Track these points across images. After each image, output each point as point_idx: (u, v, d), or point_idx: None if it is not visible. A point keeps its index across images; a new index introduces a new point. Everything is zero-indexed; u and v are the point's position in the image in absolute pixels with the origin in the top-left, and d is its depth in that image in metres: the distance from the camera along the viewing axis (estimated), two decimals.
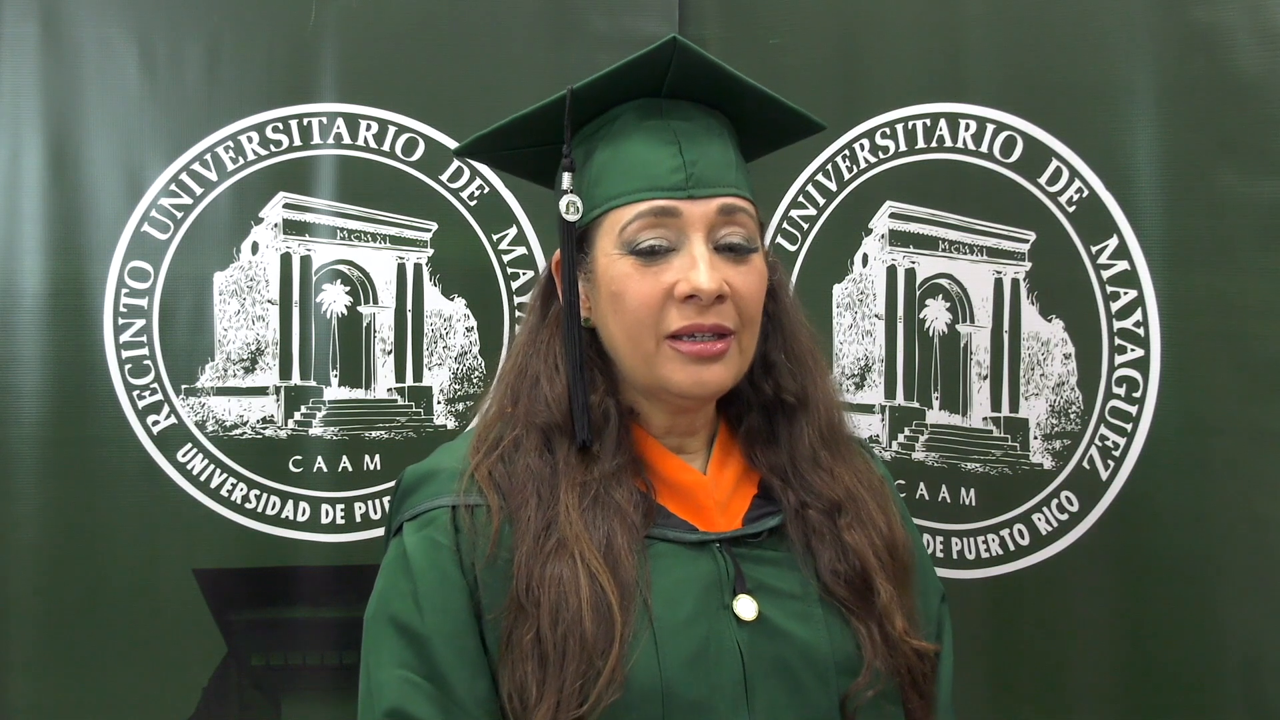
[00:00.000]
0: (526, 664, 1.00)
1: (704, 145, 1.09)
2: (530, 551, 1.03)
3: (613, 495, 1.06)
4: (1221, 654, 1.42)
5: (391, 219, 1.74)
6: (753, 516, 1.12)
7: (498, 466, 1.09)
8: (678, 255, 1.05)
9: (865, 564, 1.10)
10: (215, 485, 1.69)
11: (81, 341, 1.66)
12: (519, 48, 1.75)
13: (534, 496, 1.06)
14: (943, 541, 1.66)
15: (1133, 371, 1.48)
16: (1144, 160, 1.45)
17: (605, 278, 1.07)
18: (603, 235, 1.08)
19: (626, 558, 1.03)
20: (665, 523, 1.09)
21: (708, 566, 1.07)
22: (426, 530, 1.07)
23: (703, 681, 1.02)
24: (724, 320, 1.06)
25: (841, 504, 1.13)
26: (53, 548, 1.65)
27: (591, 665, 0.99)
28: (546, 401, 1.10)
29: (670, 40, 1.05)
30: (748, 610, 1.06)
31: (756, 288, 1.09)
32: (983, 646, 1.61)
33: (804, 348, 1.19)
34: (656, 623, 1.02)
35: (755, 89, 1.12)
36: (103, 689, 1.66)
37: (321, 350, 1.73)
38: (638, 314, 1.06)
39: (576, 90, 1.07)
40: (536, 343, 1.15)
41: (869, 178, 1.70)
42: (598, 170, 1.09)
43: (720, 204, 1.07)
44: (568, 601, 1.00)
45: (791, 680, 1.05)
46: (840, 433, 1.20)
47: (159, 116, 1.67)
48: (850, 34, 1.70)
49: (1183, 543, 1.44)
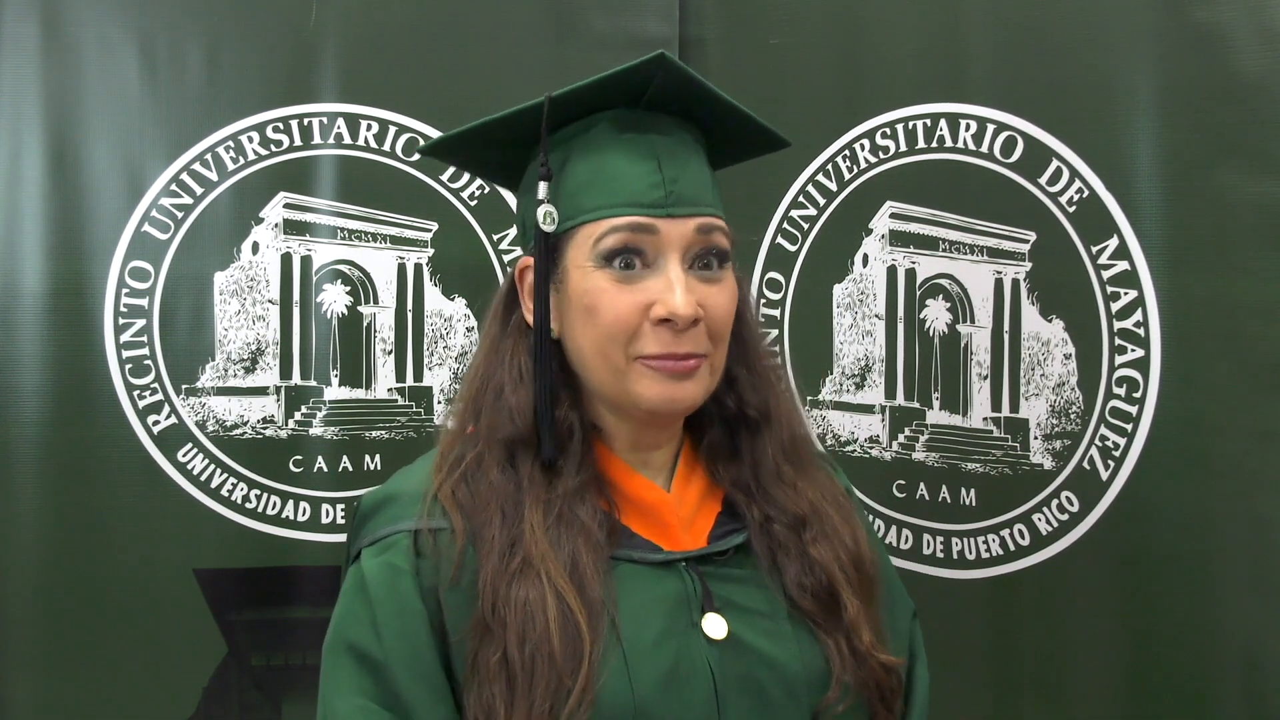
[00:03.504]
0: (494, 685, 0.99)
1: (683, 162, 1.07)
2: (495, 571, 1.01)
3: (577, 513, 1.05)
4: (1221, 654, 1.42)
5: (392, 219, 1.74)
6: (718, 534, 1.11)
7: (460, 486, 1.07)
8: (653, 274, 1.04)
9: (831, 577, 1.09)
10: (215, 485, 1.69)
11: (82, 341, 1.65)
12: (519, 48, 1.75)
13: (498, 514, 1.04)
14: (943, 541, 1.66)
15: (1133, 372, 1.48)
16: (1144, 160, 1.45)
17: (578, 290, 1.05)
18: (575, 247, 1.06)
19: (593, 577, 1.02)
20: (630, 543, 1.07)
21: (675, 586, 1.06)
22: (385, 555, 1.05)
23: (675, 701, 1.01)
24: (697, 347, 1.04)
25: (806, 518, 1.11)
26: (53, 548, 1.65)
27: (561, 685, 0.97)
28: (511, 415, 1.08)
29: (658, 56, 1.03)
30: (717, 629, 1.04)
31: (728, 307, 1.07)
32: (983, 646, 1.61)
33: (765, 363, 1.18)
34: (626, 643, 1.01)
35: (732, 106, 1.10)
36: (103, 689, 1.66)
37: (322, 350, 1.73)
38: (611, 330, 1.04)
39: (555, 98, 1.05)
40: (499, 352, 1.12)
41: (869, 178, 1.70)
42: (574, 181, 1.07)
43: (698, 223, 1.05)
44: (534, 621, 0.99)
45: (762, 698, 1.04)
46: (803, 447, 1.18)
47: (159, 116, 1.67)
48: (850, 34, 1.70)
49: (1183, 543, 1.44)
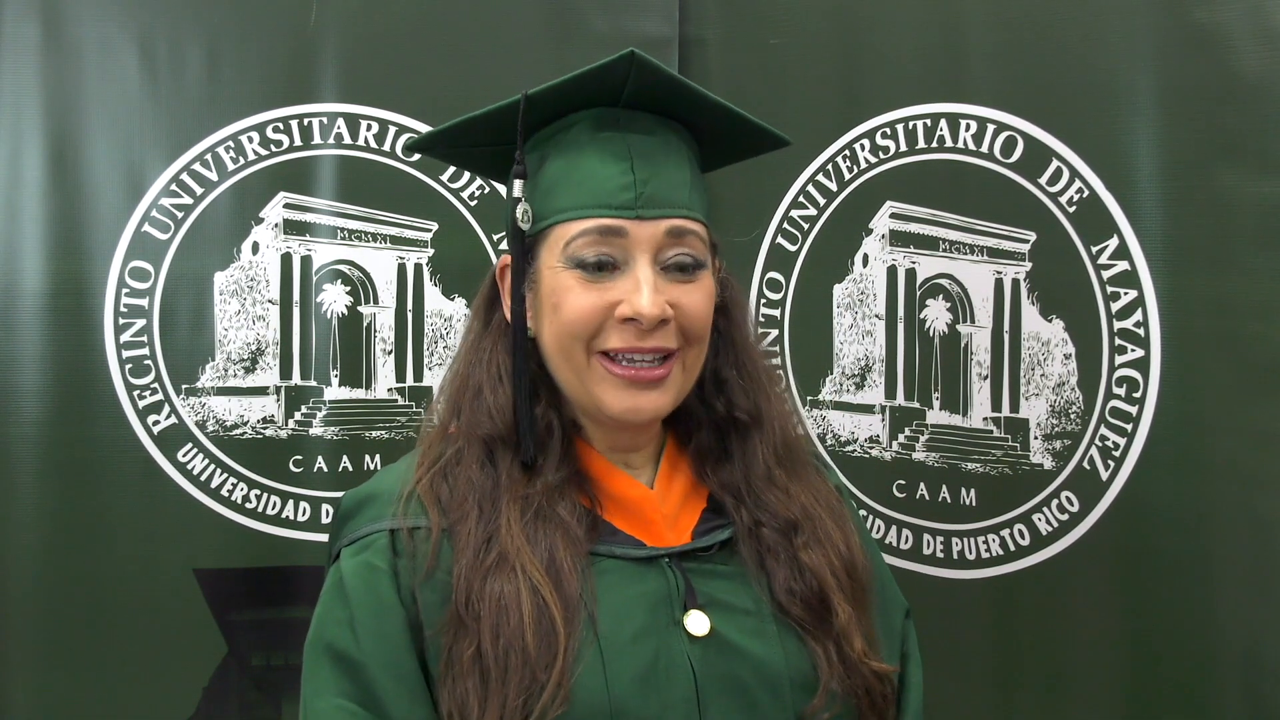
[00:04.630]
0: (467, 680, 0.98)
1: (658, 163, 1.06)
2: (470, 566, 1.01)
3: (555, 509, 1.05)
4: (1221, 654, 1.42)
5: (392, 219, 1.74)
6: (702, 530, 1.10)
7: (439, 481, 1.07)
8: (622, 275, 1.03)
9: (823, 584, 1.08)
10: (215, 485, 1.69)
11: (82, 341, 1.65)
12: (519, 48, 1.75)
13: (474, 509, 1.04)
14: (943, 541, 1.66)
15: (1133, 372, 1.48)
16: (1144, 160, 1.45)
17: (548, 289, 1.05)
18: (548, 247, 1.06)
19: (570, 572, 1.01)
20: (611, 539, 1.07)
21: (657, 582, 1.05)
22: (363, 555, 1.05)
23: (653, 699, 1.00)
24: (665, 342, 1.04)
25: (798, 523, 1.11)
26: (53, 548, 1.65)
27: (535, 680, 0.97)
28: (489, 412, 1.08)
29: (628, 54, 1.03)
30: (699, 625, 1.04)
31: (703, 306, 1.07)
32: (983, 646, 1.61)
33: (757, 365, 1.17)
34: (603, 639, 1.00)
35: (715, 103, 1.09)
36: (103, 689, 1.66)
37: (322, 350, 1.73)
38: (571, 327, 1.04)
39: (532, 96, 1.04)
40: (479, 351, 1.12)
41: (869, 178, 1.70)
42: (549, 180, 1.07)
43: (669, 225, 1.04)
44: (509, 615, 0.98)
45: (745, 697, 1.03)
46: (796, 451, 1.17)
47: (159, 116, 1.67)
48: (850, 34, 1.70)
49: (1183, 543, 1.44)
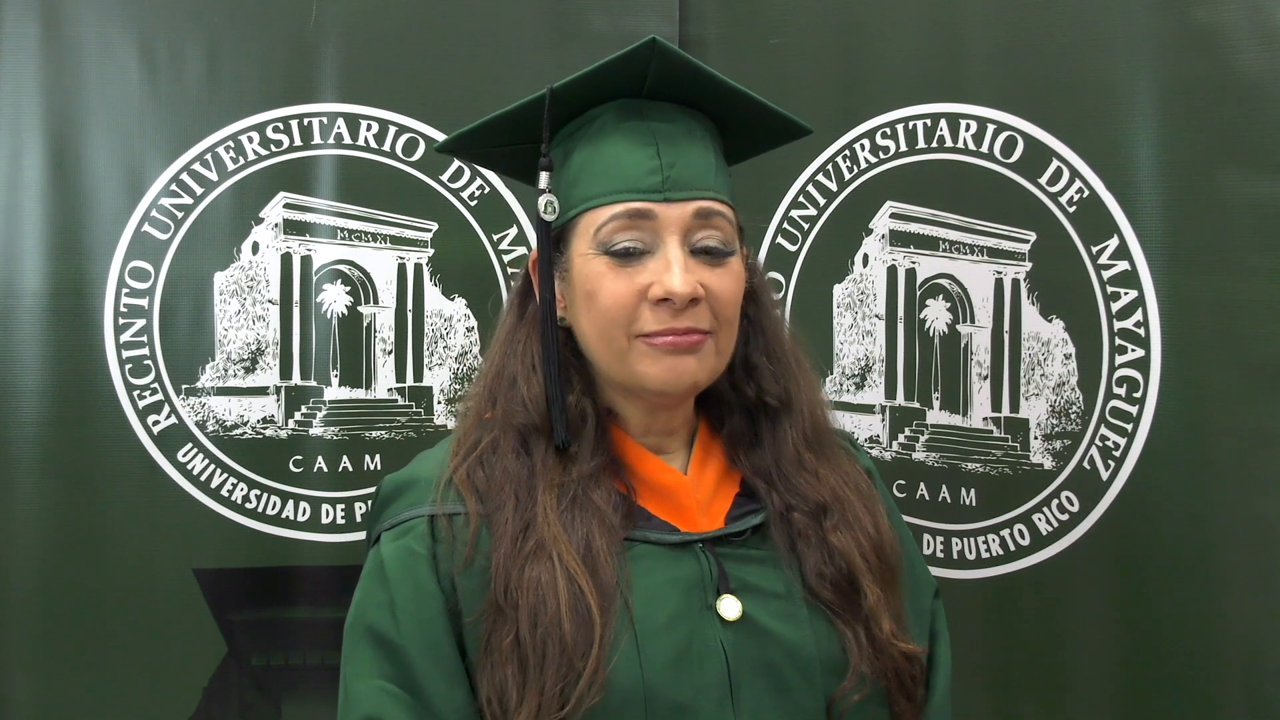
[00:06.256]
0: (506, 667, 1.00)
1: (683, 147, 1.07)
2: (508, 554, 1.03)
3: (591, 496, 1.06)
4: (1221, 654, 1.42)
5: (392, 219, 1.74)
6: (735, 515, 1.11)
7: (476, 470, 1.08)
8: (653, 257, 1.05)
9: (852, 566, 1.09)
10: (215, 485, 1.69)
11: (81, 341, 1.66)
12: (519, 48, 1.75)
13: (511, 498, 1.05)
14: (943, 541, 1.66)
15: (1133, 371, 1.48)
16: (1144, 160, 1.45)
17: (580, 277, 1.07)
18: (578, 236, 1.07)
19: (605, 559, 1.02)
20: (646, 524, 1.08)
21: (690, 567, 1.07)
22: (403, 540, 1.06)
23: (686, 683, 1.01)
24: (698, 323, 1.05)
25: (827, 506, 1.12)
26: (53, 548, 1.65)
27: (571, 668, 0.98)
28: (524, 402, 1.09)
29: (649, 41, 1.04)
30: (732, 610, 1.05)
31: (733, 290, 1.08)
32: (983, 646, 1.61)
33: (786, 350, 1.18)
34: (638, 624, 1.01)
35: (737, 91, 1.10)
36: (103, 689, 1.66)
37: (322, 350, 1.73)
38: (610, 313, 1.05)
39: (556, 90, 1.06)
40: (514, 342, 1.14)
41: (869, 178, 1.70)
42: (575, 170, 1.09)
43: (696, 207, 1.05)
44: (546, 604, 1.00)
45: (777, 680, 1.04)
46: (825, 435, 1.18)
47: (159, 116, 1.67)
48: (850, 34, 1.70)
49: (1183, 543, 1.44)
